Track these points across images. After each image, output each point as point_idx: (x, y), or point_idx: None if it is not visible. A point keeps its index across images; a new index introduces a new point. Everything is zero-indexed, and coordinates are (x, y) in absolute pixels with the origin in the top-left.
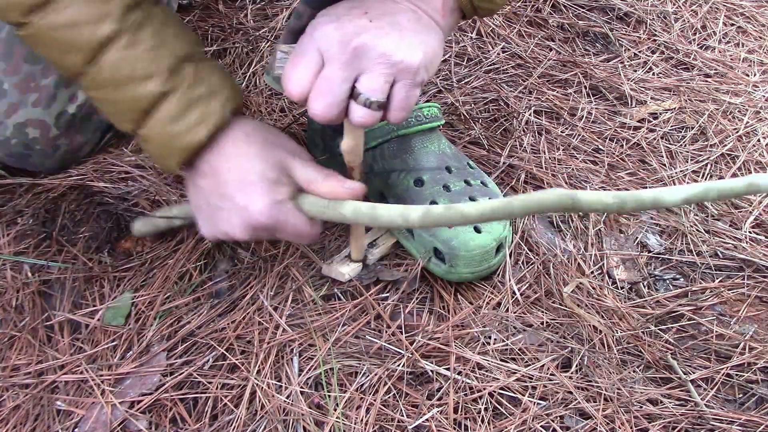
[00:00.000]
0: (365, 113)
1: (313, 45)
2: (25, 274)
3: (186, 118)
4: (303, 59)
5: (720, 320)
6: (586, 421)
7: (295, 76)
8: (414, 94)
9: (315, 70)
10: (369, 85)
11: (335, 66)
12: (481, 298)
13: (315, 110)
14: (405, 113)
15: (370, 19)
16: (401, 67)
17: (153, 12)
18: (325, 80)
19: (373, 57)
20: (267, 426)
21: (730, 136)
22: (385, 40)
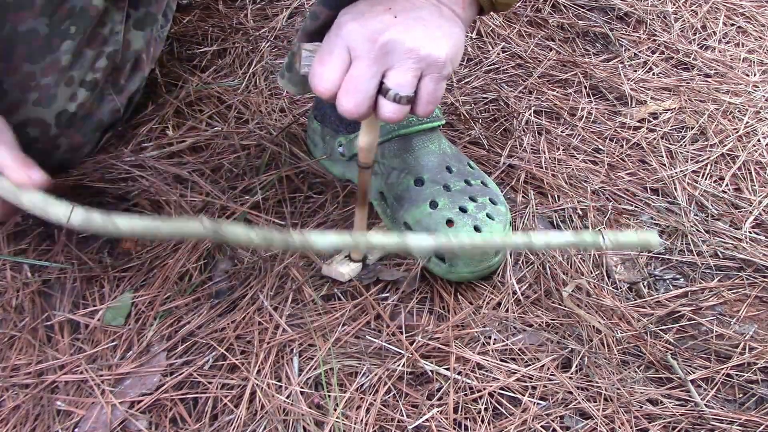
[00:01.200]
0: (395, 108)
1: (340, 42)
2: (25, 274)
3: None
4: (330, 57)
5: (720, 320)
6: (586, 421)
7: (323, 74)
8: (441, 87)
9: (343, 67)
10: (398, 81)
11: (363, 63)
12: (481, 298)
13: (345, 107)
14: (433, 106)
15: (395, 14)
16: (429, 61)
17: None
18: (354, 77)
19: (400, 52)
20: (267, 426)
21: (730, 136)
22: (411, 35)
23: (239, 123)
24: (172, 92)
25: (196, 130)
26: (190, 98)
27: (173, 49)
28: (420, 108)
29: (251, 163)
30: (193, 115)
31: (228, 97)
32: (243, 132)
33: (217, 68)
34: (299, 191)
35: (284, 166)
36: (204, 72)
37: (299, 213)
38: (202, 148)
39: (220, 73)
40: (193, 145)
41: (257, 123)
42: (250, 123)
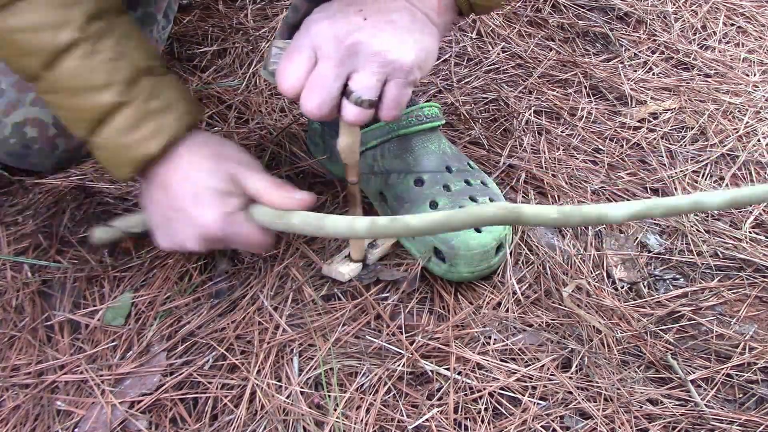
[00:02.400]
0: (357, 111)
1: (307, 41)
2: (25, 274)
3: (139, 131)
4: (297, 55)
5: (720, 320)
6: (586, 421)
7: (288, 72)
8: (406, 93)
9: (308, 66)
10: (361, 84)
11: (328, 63)
12: (481, 298)
13: (307, 107)
14: (396, 112)
15: (365, 16)
16: (394, 66)
17: (115, 23)
18: (318, 77)
19: (366, 55)
20: (267, 426)
21: (730, 136)
22: (379, 38)
23: (239, 123)
24: None
25: None
26: None
27: (173, 49)
28: (383, 113)
29: None
30: None
31: (228, 97)
32: (243, 132)
33: (217, 68)
34: None
35: (284, 166)
36: (204, 72)
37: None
38: None
39: (220, 73)
40: None
41: (257, 123)
42: (250, 123)
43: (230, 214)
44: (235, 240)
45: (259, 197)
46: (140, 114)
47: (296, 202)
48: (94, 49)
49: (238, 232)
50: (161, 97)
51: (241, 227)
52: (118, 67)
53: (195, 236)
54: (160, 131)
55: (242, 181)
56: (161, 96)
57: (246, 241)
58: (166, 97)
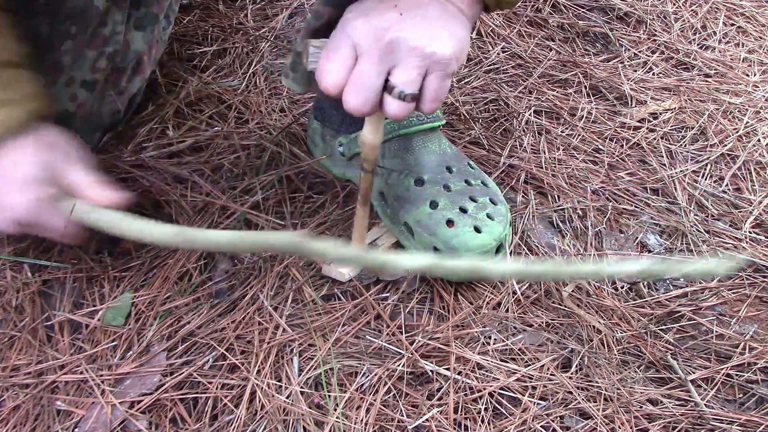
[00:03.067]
0: (399, 106)
1: (346, 39)
2: (25, 274)
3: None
4: (337, 54)
5: (720, 320)
6: (586, 421)
7: (330, 70)
8: (446, 85)
9: (349, 64)
10: (403, 78)
11: (369, 60)
12: (481, 298)
13: (351, 104)
14: (438, 104)
15: (400, 12)
16: (434, 59)
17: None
18: (360, 74)
19: (405, 50)
20: (267, 426)
21: (730, 136)
22: (416, 32)
23: (239, 123)
24: (173, 92)
25: (196, 130)
26: (190, 98)
27: (173, 49)
28: (425, 105)
29: (251, 163)
30: (193, 115)
31: (228, 97)
32: (243, 132)
33: (217, 68)
34: (299, 191)
35: (284, 166)
36: (204, 72)
37: (299, 213)
38: (202, 148)
39: (220, 73)
40: (193, 145)
41: (257, 123)
42: (250, 123)
43: (39, 200)
44: (41, 227)
45: (76, 190)
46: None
47: (111, 199)
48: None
49: (48, 222)
50: (9, 90)
51: (50, 217)
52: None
53: (6, 219)
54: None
55: (61, 173)
56: (10, 89)
57: (55, 231)
58: (15, 91)
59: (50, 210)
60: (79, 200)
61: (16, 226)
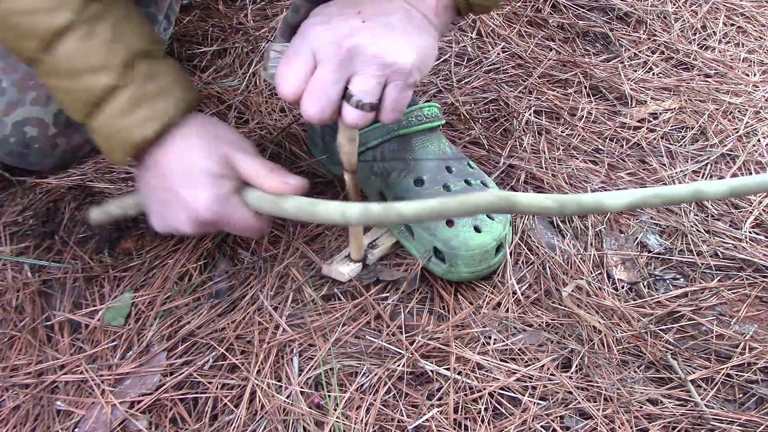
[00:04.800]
0: (357, 114)
1: (305, 46)
2: (25, 274)
3: (135, 114)
4: (296, 60)
5: (720, 320)
6: (586, 421)
7: (288, 76)
8: (406, 95)
9: (308, 70)
10: (361, 87)
11: (328, 67)
12: (481, 298)
13: (308, 111)
14: (397, 114)
15: (363, 19)
16: (394, 68)
17: (112, 6)
18: (318, 82)
19: (365, 58)
20: (267, 426)
21: (730, 136)
22: (377, 40)
23: (239, 123)
24: None
25: None
26: None
27: (173, 49)
28: (384, 115)
29: None
30: None
31: (228, 97)
32: (243, 132)
33: (217, 68)
34: None
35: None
36: (204, 72)
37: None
38: None
39: (220, 73)
40: None
41: (257, 123)
42: (250, 123)
43: (223, 196)
44: (227, 223)
45: (253, 181)
46: (136, 97)
47: (290, 187)
48: (90, 32)
49: (230, 215)
50: (157, 80)
51: (233, 210)
52: (115, 50)
53: (187, 218)
54: (155, 115)
55: (236, 164)
56: (157, 80)
57: (238, 225)
58: (163, 80)
59: (233, 204)
60: (259, 190)
61: (200, 226)
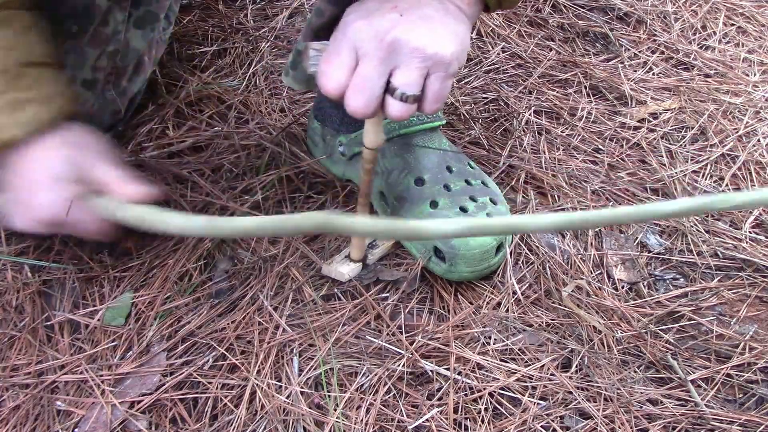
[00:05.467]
0: (402, 107)
1: (347, 42)
2: (25, 274)
3: (6, 116)
4: (338, 56)
5: (720, 320)
6: (586, 421)
7: (331, 73)
8: (447, 85)
9: (350, 66)
10: (404, 80)
11: (371, 62)
12: (481, 298)
13: (353, 106)
14: (440, 104)
15: (401, 13)
16: (435, 59)
17: (15, 16)
18: (362, 77)
19: (406, 51)
20: (267, 426)
21: (730, 136)
22: (417, 33)
23: (239, 123)
24: (173, 92)
25: (196, 130)
26: (190, 98)
27: (173, 49)
28: (427, 106)
29: (251, 163)
30: (193, 115)
31: (228, 97)
32: (243, 132)
33: (217, 68)
34: (299, 191)
35: (284, 166)
36: (204, 72)
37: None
38: (202, 148)
39: (220, 73)
40: (193, 145)
41: (257, 123)
42: (250, 123)
43: (66, 200)
44: (69, 225)
45: (104, 187)
46: (11, 102)
47: (139, 194)
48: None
49: (76, 219)
50: (37, 90)
51: (79, 214)
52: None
53: (32, 218)
54: (24, 121)
55: (90, 170)
56: (37, 89)
57: (85, 229)
58: (43, 90)
59: (79, 208)
60: (107, 197)
61: (44, 226)
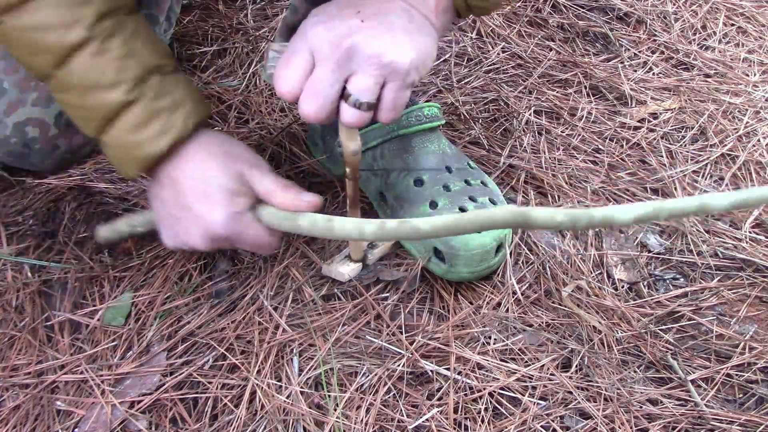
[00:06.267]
0: (355, 114)
1: (304, 45)
2: (25, 274)
3: (147, 129)
4: (294, 59)
5: (720, 320)
6: (586, 421)
7: (286, 76)
8: (404, 95)
9: (306, 69)
10: (359, 86)
11: (326, 67)
12: (481, 298)
13: (306, 111)
14: (395, 114)
15: (362, 19)
16: (391, 68)
17: (125, 22)
18: (316, 81)
19: (363, 58)
20: (267, 426)
21: (730, 136)
22: (376, 41)
23: (239, 123)
24: None
25: None
26: None
27: (173, 49)
28: (382, 115)
29: None
30: None
31: (228, 97)
32: (243, 132)
33: (217, 68)
34: None
35: (284, 166)
36: (204, 72)
37: None
38: None
39: (220, 73)
40: None
41: (257, 123)
42: (250, 123)
43: (238, 213)
44: (241, 240)
45: (268, 198)
46: (148, 112)
47: (304, 204)
48: (103, 48)
49: (245, 232)
50: (169, 95)
51: (248, 227)
52: (127, 66)
53: (202, 235)
54: (167, 130)
55: (251, 181)
56: (169, 94)
57: (252, 242)
58: (175, 95)
59: (248, 221)
60: (273, 208)
61: (215, 243)
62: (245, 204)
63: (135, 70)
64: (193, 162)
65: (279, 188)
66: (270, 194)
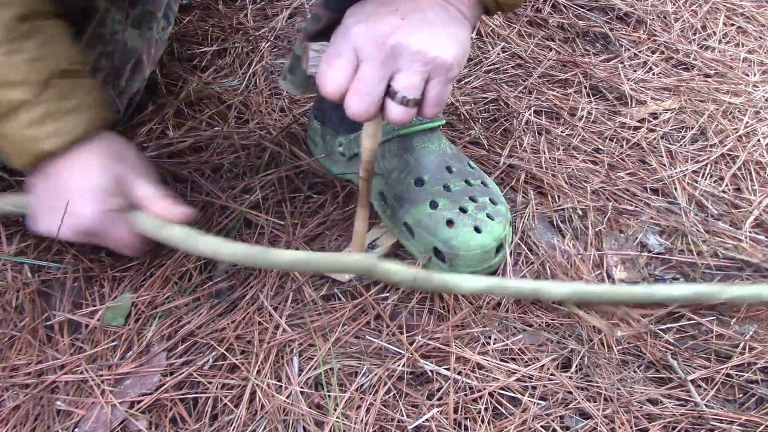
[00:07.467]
0: (402, 111)
1: (347, 44)
2: (25, 274)
3: (43, 128)
4: (338, 59)
5: (720, 320)
6: (586, 421)
7: (332, 76)
8: (448, 89)
9: (351, 69)
10: (405, 83)
11: (371, 65)
12: (481, 298)
13: (353, 109)
14: (439, 109)
15: (402, 16)
16: (435, 63)
17: (42, 27)
18: (363, 80)
19: (407, 55)
20: (267, 426)
21: (730, 136)
22: (418, 37)
23: (239, 123)
24: (173, 92)
25: (196, 130)
26: (190, 98)
27: (173, 49)
28: (427, 110)
29: (251, 163)
30: (193, 115)
31: (228, 97)
32: (243, 132)
33: (217, 68)
34: (299, 191)
35: (284, 166)
36: (204, 72)
37: (299, 213)
38: (202, 148)
39: (220, 73)
40: (193, 145)
41: (257, 123)
42: (250, 123)
43: (108, 212)
44: (108, 238)
45: (143, 204)
46: (47, 113)
47: (177, 214)
48: (15, 49)
49: (113, 232)
50: (73, 99)
51: (116, 228)
52: (36, 68)
53: (70, 226)
54: (62, 131)
55: (129, 185)
56: (73, 98)
57: (119, 242)
58: (78, 100)
59: (117, 221)
60: (145, 213)
61: (81, 235)
62: (116, 204)
63: (43, 73)
64: (79, 161)
65: (155, 196)
66: (145, 200)
